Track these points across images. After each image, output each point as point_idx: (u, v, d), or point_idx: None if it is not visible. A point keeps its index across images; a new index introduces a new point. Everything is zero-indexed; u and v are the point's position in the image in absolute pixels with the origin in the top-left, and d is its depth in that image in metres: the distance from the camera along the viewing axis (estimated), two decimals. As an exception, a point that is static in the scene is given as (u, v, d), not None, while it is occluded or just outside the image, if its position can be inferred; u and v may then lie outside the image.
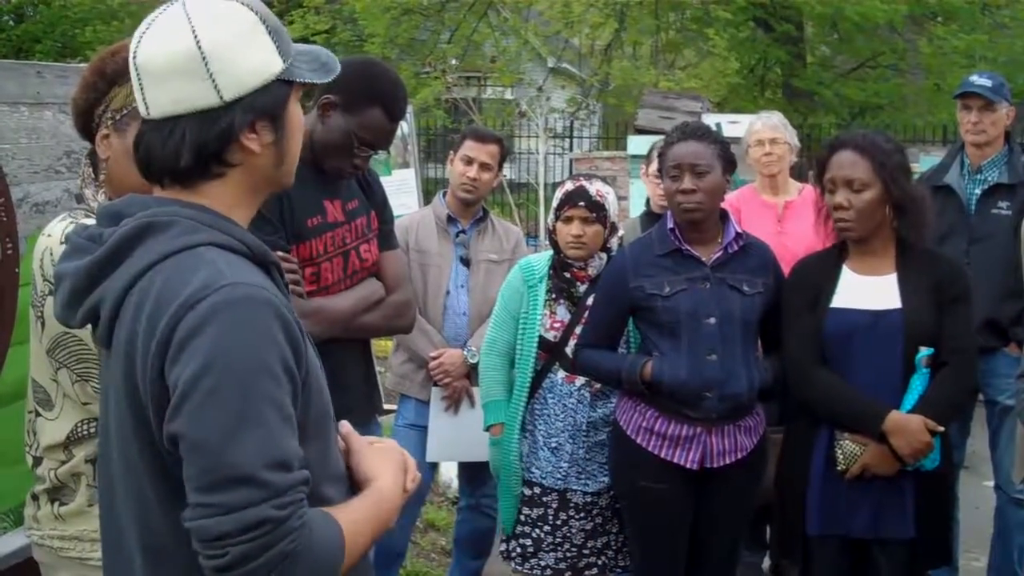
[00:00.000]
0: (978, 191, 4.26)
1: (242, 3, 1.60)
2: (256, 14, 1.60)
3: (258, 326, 1.48)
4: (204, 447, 1.43)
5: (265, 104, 1.59)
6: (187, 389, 1.44)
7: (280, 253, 2.73)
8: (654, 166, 4.74)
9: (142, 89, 1.58)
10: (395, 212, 5.62)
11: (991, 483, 4.27)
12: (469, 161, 4.05)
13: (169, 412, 1.46)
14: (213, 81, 1.54)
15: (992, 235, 4.10)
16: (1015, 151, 4.29)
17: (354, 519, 1.60)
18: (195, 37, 1.54)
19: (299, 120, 1.68)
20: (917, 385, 3.05)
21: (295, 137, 1.66)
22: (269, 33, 1.60)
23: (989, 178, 4.24)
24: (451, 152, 4.18)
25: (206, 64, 1.54)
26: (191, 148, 1.56)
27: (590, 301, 3.53)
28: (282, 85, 1.61)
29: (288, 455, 1.47)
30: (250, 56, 1.57)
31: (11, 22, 17.69)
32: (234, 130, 1.57)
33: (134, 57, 1.59)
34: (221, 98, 1.55)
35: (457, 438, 4.02)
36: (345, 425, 1.77)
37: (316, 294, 2.84)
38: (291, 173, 1.70)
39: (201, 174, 1.59)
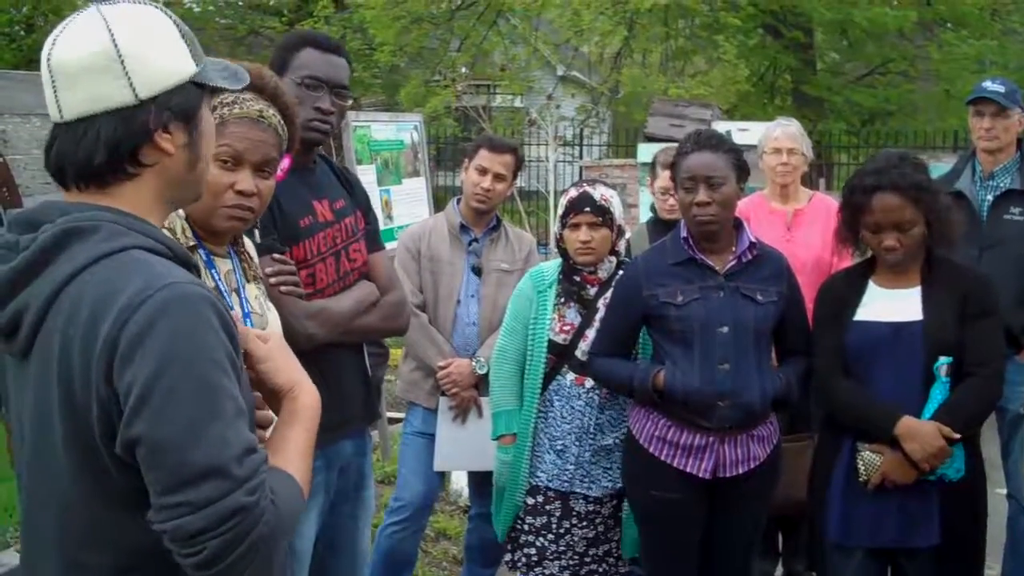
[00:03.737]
0: (990, 197, 4.24)
1: (156, 8, 1.64)
2: (170, 19, 1.64)
3: (203, 322, 1.50)
4: (168, 447, 1.44)
5: (179, 104, 1.61)
6: (145, 391, 1.44)
7: (277, 255, 2.73)
8: (659, 182, 4.66)
9: (55, 92, 1.60)
10: (406, 221, 5.69)
11: (1003, 491, 4.24)
12: (483, 171, 4.04)
13: (127, 416, 1.45)
14: (129, 79, 1.57)
15: (1004, 241, 4.08)
16: (1027, 157, 4.27)
17: (300, 453, 1.68)
18: (112, 36, 1.57)
19: (211, 125, 1.71)
20: (937, 394, 3.05)
21: (207, 141, 1.70)
22: (183, 38, 1.64)
23: (1001, 184, 4.23)
24: (465, 160, 4.16)
25: (122, 62, 1.56)
26: (106, 146, 1.57)
27: (601, 303, 3.53)
28: (195, 88, 1.65)
29: (247, 442, 1.50)
30: (165, 57, 1.61)
31: (22, 32, 17.79)
32: (149, 128, 1.59)
33: (48, 60, 1.61)
34: (136, 96, 1.57)
35: (465, 448, 4.02)
36: (245, 332, 1.77)
37: (311, 297, 2.81)
38: (202, 182, 1.72)
39: (114, 174, 1.60)
